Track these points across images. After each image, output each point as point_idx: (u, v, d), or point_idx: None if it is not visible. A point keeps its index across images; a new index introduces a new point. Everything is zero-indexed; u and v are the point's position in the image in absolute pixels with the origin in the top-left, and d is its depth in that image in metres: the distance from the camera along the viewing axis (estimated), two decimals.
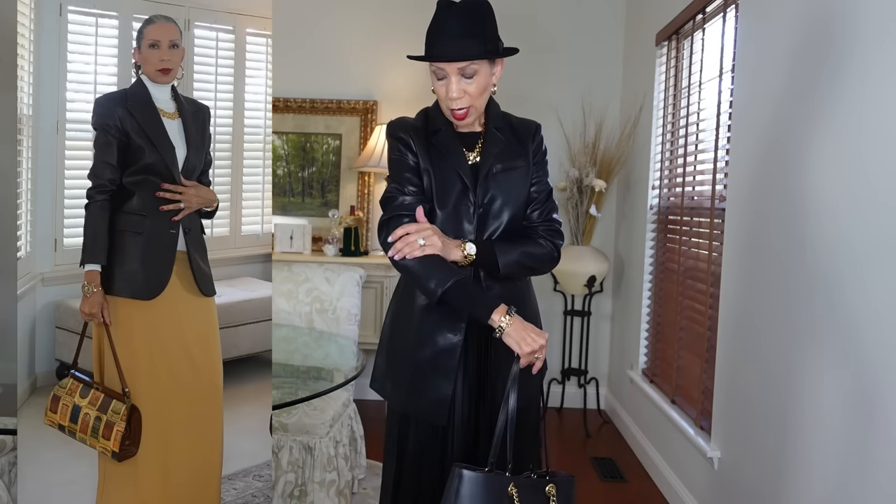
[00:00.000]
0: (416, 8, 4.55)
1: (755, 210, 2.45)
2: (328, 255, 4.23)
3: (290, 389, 2.45)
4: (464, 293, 1.65)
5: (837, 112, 1.97)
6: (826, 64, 2.03)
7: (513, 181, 1.79)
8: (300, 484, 2.67)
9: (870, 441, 1.77)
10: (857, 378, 1.83)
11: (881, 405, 1.73)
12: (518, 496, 1.60)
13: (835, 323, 1.94)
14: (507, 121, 1.85)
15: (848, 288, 1.88)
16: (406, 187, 1.75)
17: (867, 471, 1.78)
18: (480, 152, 1.79)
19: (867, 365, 1.79)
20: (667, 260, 3.56)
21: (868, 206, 1.80)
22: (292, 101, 4.52)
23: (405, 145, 1.77)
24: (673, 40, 3.58)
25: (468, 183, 1.75)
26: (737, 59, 2.67)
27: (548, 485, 1.65)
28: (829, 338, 1.96)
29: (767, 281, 2.34)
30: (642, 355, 3.86)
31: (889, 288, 1.71)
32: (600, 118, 4.30)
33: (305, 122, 4.55)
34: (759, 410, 2.36)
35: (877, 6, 1.81)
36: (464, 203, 1.75)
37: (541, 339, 1.62)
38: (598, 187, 3.99)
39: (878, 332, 1.75)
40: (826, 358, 1.97)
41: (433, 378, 1.76)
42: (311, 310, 3.20)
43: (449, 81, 1.69)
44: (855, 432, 1.83)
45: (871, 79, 1.82)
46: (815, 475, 2.01)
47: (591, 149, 4.15)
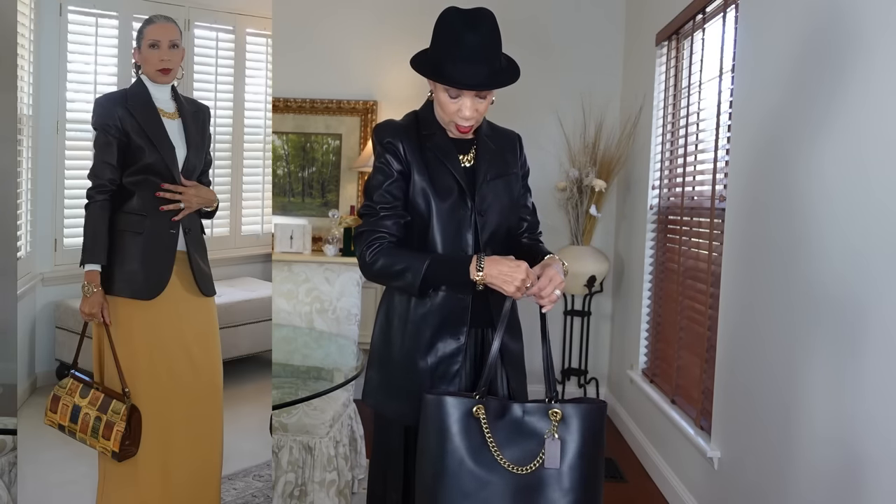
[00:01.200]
0: (416, 8, 4.55)
1: (755, 210, 2.45)
2: (328, 255, 4.23)
3: (290, 389, 2.45)
4: (441, 268, 1.67)
5: (837, 111, 1.97)
6: (826, 63, 2.03)
7: (505, 187, 1.81)
8: (300, 484, 2.67)
9: (870, 441, 1.77)
10: (857, 377, 1.83)
11: (881, 405, 1.73)
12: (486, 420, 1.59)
13: (835, 323, 1.94)
14: (492, 128, 1.87)
15: (848, 287, 1.88)
16: (385, 203, 1.73)
17: (867, 471, 1.78)
18: (475, 157, 1.79)
19: (867, 364, 1.79)
20: (667, 260, 3.56)
21: (868, 206, 1.80)
22: (292, 101, 4.52)
23: (392, 153, 1.74)
24: (673, 40, 3.58)
25: (464, 187, 1.74)
26: (737, 59, 2.67)
27: (551, 409, 1.61)
28: (830, 337, 1.96)
29: (767, 281, 2.34)
30: (642, 355, 3.86)
31: (890, 287, 1.71)
32: (600, 118, 4.31)
33: (305, 122, 4.56)
34: (759, 410, 2.36)
35: (876, 6, 1.81)
36: (461, 207, 1.75)
37: (518, 273, 1.60)
38: (598, 187, 3.99)
39: (879, 332, 1.75)
40: (826, 357, 1.97)
41: (437, 385, 1.74)
42: (311, 310, 3.20)
43: (463, 102, 1.69)
44: (855, 432, 1.83)
45: (870, 78, 1.82)
46: (815, 475, 2.01)
47: (591, 149, 4.15)
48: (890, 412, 1.69)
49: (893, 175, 1.71)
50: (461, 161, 1.78)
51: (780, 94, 2.30)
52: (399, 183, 1.73)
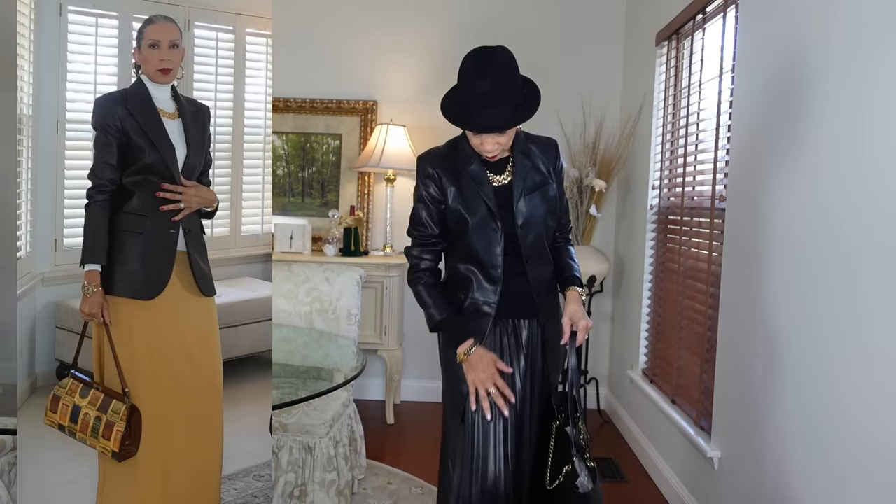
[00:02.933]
0: (416, 8, 4.56)
1: (755, 210, 2.45)
2: (328, 255, 4.23)
3: (290, 389, 2.45)
4: (448, 327, 2.03)
5: (837, 111, 1.97)
6: (826, 63, 2.03)
7: (542, 198, 2.04)
8: (300, 484, 2.67)
9: (870, 441, 1.77)
10: (857, 377, 1.83)
11: (882, 405, 1.73)
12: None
13: (835, 322, 1.94)
14: (528, 140, 2.08)
15: (848, 287, 1.88)
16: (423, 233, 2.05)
17: (867, 471, 1.78)
18: (511, 174, 2.03)
19: (867, 364, 1.79)
20: (667, 260, 3.57)
21: (868, 206, 1.80)
22: (292, 101, 4.52)
23: (433, 183, 2.02)
24: (673, 40, 3.58)
25: (494, 210, 1.99)
26: (737, 59, 2.67)
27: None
28: (829, 337, 1.96)
29: (767, 281, 2.34)
30: (642, 355, 3.86)
31: (890, 287, 1.71)
32: (600, 118, 4.31)
33: (305, 122, 4.55)
34: (759, 410, 2.36)
35: (876, 6, 1.81)
36: (491, 226, 2.00)
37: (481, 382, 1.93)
38: (598, 187, 3.99)
39: (879, 331, 1.75)
40: (826, 357, 1.97)
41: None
42: (311, 310, 3.20)
43: (484, 139, 1.92)
44: (855, 432, 1.83)
45: (870, 78, 1.82)
46: (815, 475, 2.01)
47: (591, 149, 4.15)
48: (890, 411, 1.69)
49: (894, 174, 1.71)
50: (498, 180, 2.03)
51: (781, 94, 2.30)
52: (436, 210, 2.03)
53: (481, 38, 4.73)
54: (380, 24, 4.49)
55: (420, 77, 4.46)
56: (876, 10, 1.81)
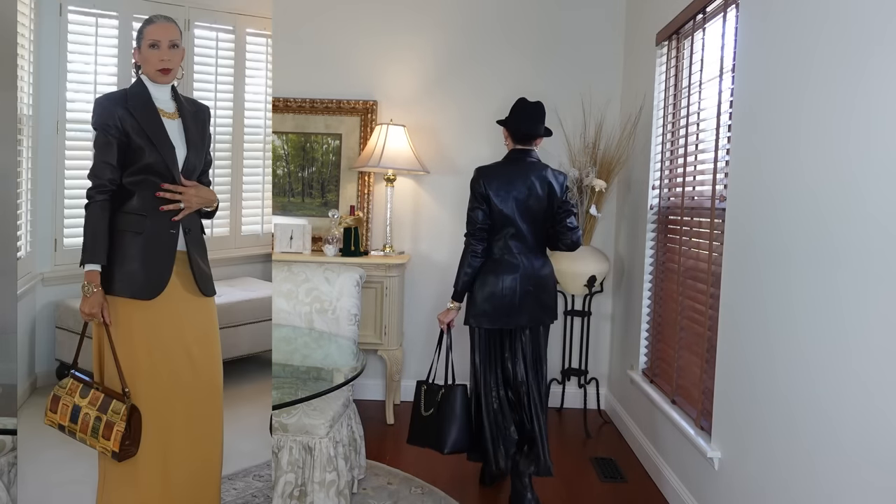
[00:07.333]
0: (416, 9, 4.56)
1: (755, 210, 2.45)
2: (328, 255, 4.23)
3: (290, 389, 2.45)
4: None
5: (837, 111, 1.97)
6: (826, 63, 2.03)
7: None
8: (300, 484, 2.67)
9: (869, 441, 1.77)
10: (857, 377, 1.83)
11: (881, 405, 1.73)
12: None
13: (834, 322, 1.94)
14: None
15: (848, 287, 1.88)
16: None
17: (867, 471, 1.78)
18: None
19: (867, 364, 1.79)
20: (667, 260, 3.56)
21: (869, 206, 1.80)
22: (292, 101, 4.52)
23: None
24: (673, 40, 3.58)
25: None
26: (737, 59, 2.67)
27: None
28: (829, 337, 1.96)
29: (767, 281, 2.34)
30: (642, 355, 3.86)
31: (890, 287, 1.71)
32: (600, 118, 4.31)
33: (305, 122, 4.55)
34: (759, 410, 2.36)
35: (875, 6, 1.81)
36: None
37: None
38: (599, 187, 3.99)
39: (879, 331, 1.75)
40: (826, 357, 1.97)
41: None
42: (311, 310, 3.20)
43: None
44: (855, 432, 1.83)
45: (870, 77, 1.82)
46: (816, 475, 2.01)
47: (591, 149, 4.15)
48: (890, 411, 1.69)
49: (893, 174, 1.71)
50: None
51: (780, 94, 2.30)
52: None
53: (481, 38, 4.73)
54: (380, 24, 4.49)
55: (420, 77, 4.46)
56: (875, 10, 1.81)
